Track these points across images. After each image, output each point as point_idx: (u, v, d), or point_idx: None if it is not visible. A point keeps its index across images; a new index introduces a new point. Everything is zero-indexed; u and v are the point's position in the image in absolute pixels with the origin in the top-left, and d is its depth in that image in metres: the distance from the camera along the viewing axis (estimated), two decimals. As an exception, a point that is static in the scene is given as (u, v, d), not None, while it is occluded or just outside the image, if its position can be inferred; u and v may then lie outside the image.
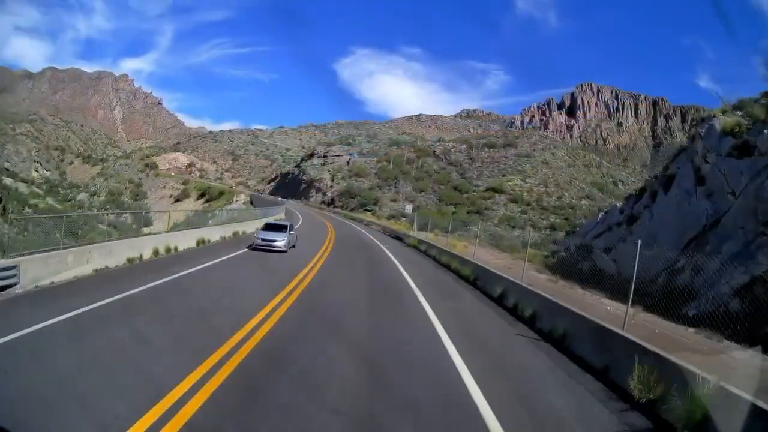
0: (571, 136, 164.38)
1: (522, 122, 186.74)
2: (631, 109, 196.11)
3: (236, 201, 79.58)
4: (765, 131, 12.52)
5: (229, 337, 7.22)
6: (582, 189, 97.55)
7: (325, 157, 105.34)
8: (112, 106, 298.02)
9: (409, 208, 68.29)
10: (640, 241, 7.98)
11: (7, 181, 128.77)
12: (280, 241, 18.99)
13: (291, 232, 20.54)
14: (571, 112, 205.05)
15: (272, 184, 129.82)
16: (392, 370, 6.87)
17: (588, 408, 6.13)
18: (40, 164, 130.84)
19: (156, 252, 15.17)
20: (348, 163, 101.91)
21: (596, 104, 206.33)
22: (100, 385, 5.23)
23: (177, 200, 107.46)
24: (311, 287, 12.71)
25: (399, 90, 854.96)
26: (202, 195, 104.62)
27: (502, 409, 5.54)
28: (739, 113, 14.80)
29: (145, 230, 21.64)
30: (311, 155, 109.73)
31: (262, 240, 19.04)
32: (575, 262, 18.27)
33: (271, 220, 28.36)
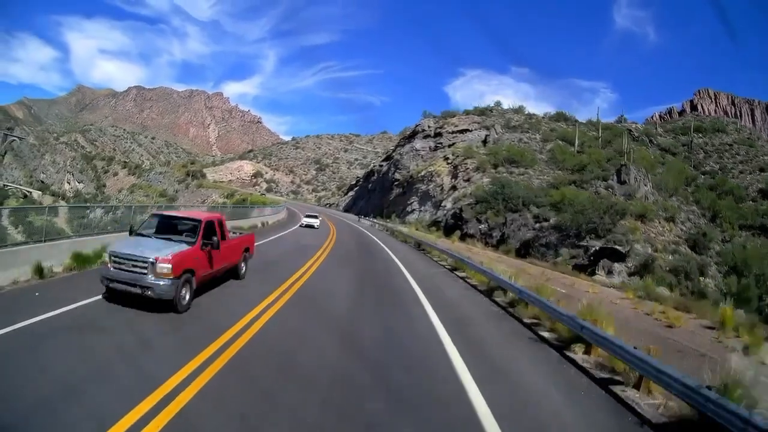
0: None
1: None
2: (748, 115, 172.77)
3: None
4: None
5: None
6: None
7: (437, 135, 55.44)
8: (205, 124, 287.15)
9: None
10: None
11: (36, 194, 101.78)
12: None
13: None
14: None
15: (350, 193, 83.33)
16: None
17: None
18: (72, 175, 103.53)
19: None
20: (485, 142, 50.55)
21: (715, 111, 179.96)
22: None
23: (206, 220, 70.04)
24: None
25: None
26: (232, 211, 66.11)
27: None
28: None
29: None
30: (412, 135, 60.37)
31: None
32: None
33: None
